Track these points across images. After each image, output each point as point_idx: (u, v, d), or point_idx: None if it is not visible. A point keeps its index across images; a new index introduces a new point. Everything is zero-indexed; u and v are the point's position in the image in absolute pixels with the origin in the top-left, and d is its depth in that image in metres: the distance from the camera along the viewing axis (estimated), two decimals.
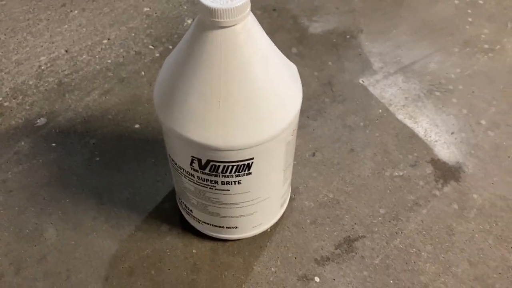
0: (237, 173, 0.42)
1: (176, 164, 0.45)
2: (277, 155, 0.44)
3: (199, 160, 0.41)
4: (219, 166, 0.41)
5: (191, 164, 0.42)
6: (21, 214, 0.55)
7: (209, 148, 0.40)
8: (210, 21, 0.35)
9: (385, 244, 0.53)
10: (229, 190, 0.44)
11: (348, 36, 0.77)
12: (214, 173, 0.42)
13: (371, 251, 0.53)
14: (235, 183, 0.43)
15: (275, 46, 0.42)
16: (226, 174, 0.42)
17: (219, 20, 0.35)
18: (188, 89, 0.38)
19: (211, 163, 0.41)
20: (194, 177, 0.44)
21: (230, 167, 0.42)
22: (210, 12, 0.35)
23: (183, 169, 0.44)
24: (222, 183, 0.43)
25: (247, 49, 0.37)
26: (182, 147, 0.42)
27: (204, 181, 0.44)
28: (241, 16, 0.35)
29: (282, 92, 0.40)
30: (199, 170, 0.43)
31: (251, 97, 0.38)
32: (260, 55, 0.38)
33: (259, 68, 0.38)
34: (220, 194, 0.45)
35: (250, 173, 0.43)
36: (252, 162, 0.42)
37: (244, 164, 0.42)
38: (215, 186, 0.44)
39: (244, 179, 0.43)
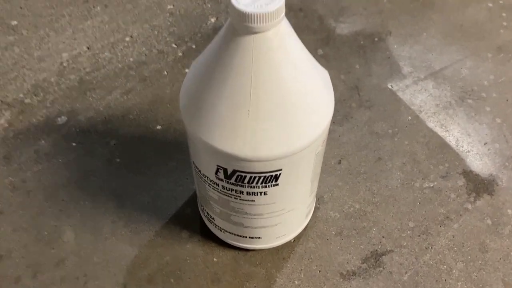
0: (263, 184, 0.40)
1: (200, 171, 0.43)
2: (306, 166, 0.42)
3: (225, 170, 0.40)
4: (245, 176, 0.40)
5: (216, 173, 0.41)
6: (39, 216, 0.54)
7: (236, 158, 0.38)
8: (242, 26, 0.33)
9: (414, 259, 0.51)
10: (254, 200, 0.42)
11: (376, 39, 0.75)
12: (239, 183, 0.40)
13: (400, 266, 0.50)
14: (261, 194, 0.42)
15: (308, 51, 0.39)
16: (252, 185, 0.40)
17: (252, 25, 0.33)
18: (217, 96, 0.37)
19: (237, 173, 0.39)
20: (218, 186, 0.42)
21: (257, 178, 0.40)
22: (243, 16, 0.33)
23: (208, 177, 0.42)
24: (248, 193, 0.42)
25: (279, 56, 0.35)
26: (207, 156, 0.40)
27: (229, 190, 0.42)
28: (275, 21, 0.33)
29: (314, 102, 0.38)
30: (224, 179, 0.41)
31: (282, 106, 0.36)
32: (292, 62, 0.36)
33: (291, 76, 0.36)
34: (245, 204, 0.43)
35: (277, 184, 0.41)
36: (280, 174, 0.40)
37: (271, 175, 0.40)
38: (240, 196, 0.42)
39: (270, 190, 0.41)
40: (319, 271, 0.50)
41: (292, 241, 0.52)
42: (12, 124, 0.63)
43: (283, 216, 0.46)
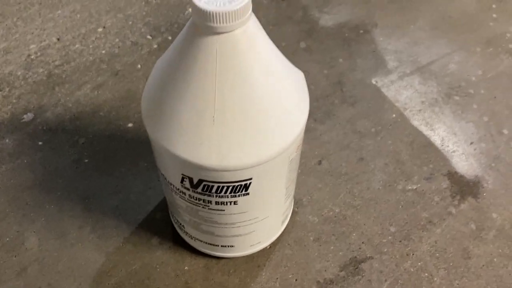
0: (233, 194, 0.38)
1: (166, 179, 0.40)
2: (279, 174, 0.39)
3: (191, 179, 0.37)
4: (212, 186, 0.37)
5: (181, 182, 0.38)
6: (1, 220, 0.51)
7: (201, 167, 0.35)
8: (204, 25, 0.30)
9: (395, 266, 0.49)
10: (224, 210, 0.40)
11: (361, 31, 0.72)
12: (207, 192, 0.38)
13: (379, 274, 0.48)
14: (230, 204, 0.39)
15: (280, 52, 0.36)
16: (220, 195, 0.38)
17: (215, 25, 0.30)
18: (179, 101, 0.34)
19: (204, 183, 0.37)
20: (185, 195, 0.39)
21: (225, 188, 0.37)
22: (205, 15, 0.29)
23: (174, 185, 0.39)
24: (216, 203, 0.39)
25: (248, 58, 0.32)
26: (172, 164, 0.37)
27: (196, 200, 0.39)
28: (241, 20, 0.30)
29: (286, 107, 0.35)
30: (190, 188, 0.38)
31: (250, 112, 0.34)
32: (262, 64, 0.33)
33: (260, 80, 0.33)
34: (214, 214, 0.40)
35: (248, 193, 0.38)
36: (250, 183, 0.37)
37: (241, 185, 0.37)
38: (208, 206, 0.39)
39: (241, 199, 0.39)
40: (295, 280, 0.48)
41: (268, 247, 0.50)
42: None
43: (256, 225, 0.43)
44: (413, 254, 0.50)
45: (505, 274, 0.49)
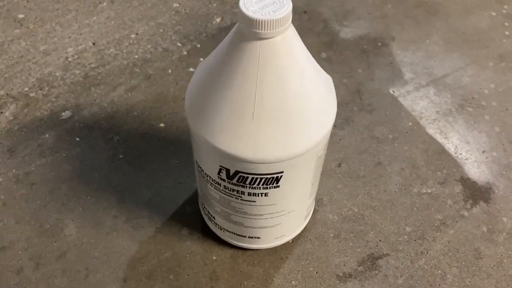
0: (265, 186, 0.41)
1: (203, 171, 0.44)
2: (307, 169, 0.42)
3: (227, 170, 0.40)
4: (247, 177, 0.40)
5: (218, 173, 0.42)
6: (42, 209, 0.55)
7: (239, 159, 0.39)
8: (250, 31, 0.34)
9: (410, 263, 0.52)
10: (255, 201, 0.43)
11: (379, 43, 0.75)
12: (241, 184, 0.41)
13: (395, 270, 0.51)
14: (261, 195, 0.42)
15: (313, 58, 0.40)
16: (253, 186, 0.41)
17: (260, 31, 0.34)
18: (222, 99, 0.37)
19: (240, 174, 0.40)
20: (220, 186, 0.43)
21: (259, 179, 0.40)
22: (251, 22, 0.33)
23: (210, 177, 0.43)
24: (249, 194, 0.42)
25: (285, 62, 0.36)
26: (210, 156, 0.41)
27: (230, 190, 0.43)
28: (282, 28, 0.34)
29: (317, 107, 0.39)
30: (226, 179, 0.42)
31: (286, 111, 0.37)
32: (297, 68, 0.37)
33: (295, 82, 0.37)
34: (246, 204, 0.44)
35: (278, 186, 0.42)
36: (281, 176, 0.41)
37: (273, 177, 0.40)
38: (241, 197, 0.43)
39: (271, 191, 0.42)
40: (316, 272, 0.51)
41: (290, 242, 0.53)
42: (17, 117, 0.64)
43: (282, 217, 0.46)
44: (427, 253, 0.53)
45: None
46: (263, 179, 0.40)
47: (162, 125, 0.64)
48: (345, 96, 0.68)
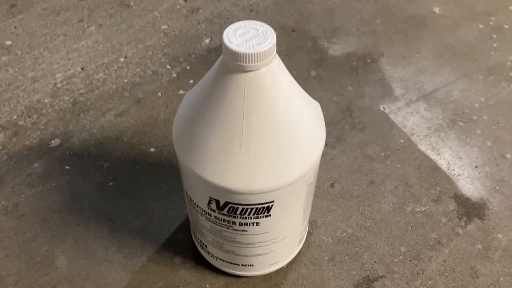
0: (255, 215, 0.41)
1: (192, 201, 0.43)
2: (298, 197, 0.42)
3: (217, 201, 0.40)
4: (237, 208, 0.40)
5: (208, 204, 0.41)
6: (32, 241, 0.54)
7: (228, 191, 0.38)
8: (235, 64, 0.34)
9: (406, 285, 0.51)
10: (246, 231, 0.43)
11: (368, 60, 0.76)
12: (232, 214, 0.41)
13: None
14: (253, 224, 0.42)
15: (299, 86, 0.40)
16: (244, 216, 0.41)
17: (245, 64, 0.33)
18: (209, 130, 0.37)
19: (230, 205, 0.40)
20: (211, 216, 0.42)
21: (249, 210, 0.40)
22: (236, 56, 0.33)
23: (200, 207, 0.43)
24: (240, 224, 0.42)
25: (271, 92, 0.36)
26: (200, 187, 0.40)
27: (221, 221, 0.42)
28: (267, 60, 0.34)
29: (305, 135, 0.39)
30: (216, 210, 0.41)
31: (274, 141, 0.37)
32: (284, 98, 0.37)
33: (282, 112, 0.37)
34: (237, 234, 0.43)
35: (270, 215, 0.41)
36: (272, 205, 0.40)
37: (263, 207, 0.40)
38: (232, 226, 0.42)
39: (262, 220, 0.42)
40: None
41: (285, 266, 0.52)
42: (5, 147, 0.63)
43: (275, 245, 0.46)
44: (423, 273, 0.52)
45: None
46: (254, 209, 0.40)
47: (152, 149, 0.63)
48: (336, 114, 0.68)
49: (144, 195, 0.59)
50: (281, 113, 0.37)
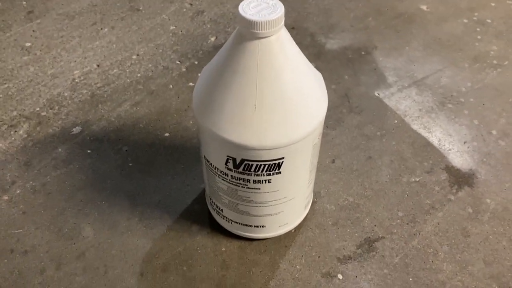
0: (268, 172, 0.46)
1: (211, 164, 0.48)
2: (305, 156, 0.47)
3: (234, 160, 0.45)
4: (252, 165, 0.45)
5: (226, 164, 0.46)
6: (60, 215, 0.59)
7: (244, 147, 0.43)
8: (249, 32, 0.40)
9: (404, 244, 0.56)
10: (259, 188, 0.48)
11: (363, 52, 0.82)
12: (247, 171, 0.46)
13: (391, 250, 0.56)
14: (265, 182, 0.47)
15: (304, 55, 0.46)
16: (258, 173, 0.46)
17: (258, 31, 0.39)
18: (226, 93, 0.42)
19: (245, 162, 0.45)
20: (227, 176, 0.48)
21: (262, 166, 0.45)
22: (250, 24, 0.39)
23: (218, 168, 0.48)
24: (254, 181, 0.47)
25: (280, 58, 0.41)
26: (218, 147, 0.45)
27: (237, 179, 0.47)
28: (277, 28, 0.40)
29: (310, 98, 0.44)
30: (233, 169, 0.46)
31: (283, 101, 0.42)
32: (291, 63, 0.42)
33: (290, 75, 0.42)
34: (251, 192, 0.48)
35: (280, 172, 0.46)
36: (282, 162, 0.45)
37: (275, 164, 0.45)
38: (247, 185, 0.48)
39: (274, 178, 0.47)
40: (318, 257, 0.55)
41: (293, 231, 0.57)
42: (30, 135, 0.68)
43: (285, 204, 0.51)
44: (419, 234, 0.57)
45: (500, 248, 0.56)
46: (266, 166, 0.45)
47: (167, 134, 0.68)
48: (335, 100, 0.74)
49: (161, 173, 0.64)
50: (289, 77, 0.42)
